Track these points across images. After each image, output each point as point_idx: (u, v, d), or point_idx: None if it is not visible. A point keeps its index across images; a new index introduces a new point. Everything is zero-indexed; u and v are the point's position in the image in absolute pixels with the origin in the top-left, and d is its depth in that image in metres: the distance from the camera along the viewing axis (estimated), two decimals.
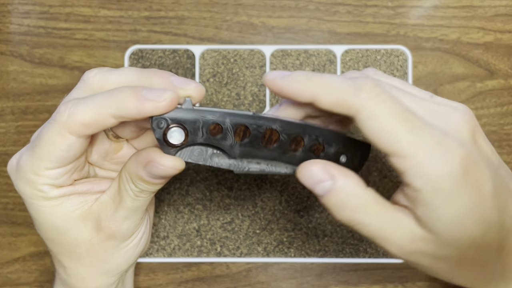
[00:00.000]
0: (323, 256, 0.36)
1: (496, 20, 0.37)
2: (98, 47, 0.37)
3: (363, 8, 0.37)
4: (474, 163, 0.20)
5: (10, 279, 0.37)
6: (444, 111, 0.21)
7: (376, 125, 0.20)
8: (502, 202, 0.21)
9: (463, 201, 0.20)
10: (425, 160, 0.20)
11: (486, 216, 0.20)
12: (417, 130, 0.20)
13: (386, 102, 0.20)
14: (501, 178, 0.21)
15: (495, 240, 0.21)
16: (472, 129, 0.21)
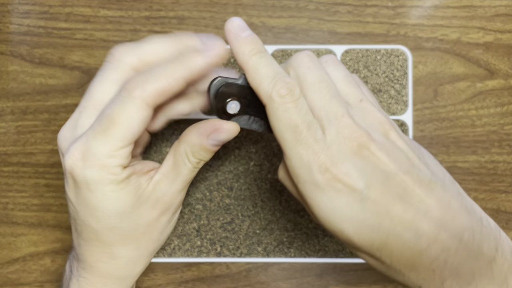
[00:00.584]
0: (323, 256, 0.36)
1: (496, 20, 0.37)
2: (98, 47, 0.37)
3: (363, 8, 0.37)
4: (342, 174, 0.23)
5: (10, 279, 0.37)
6: (342, 122, 0.24)
7: (274, 125, 0.25)
8: (381, 206, 0.23)
9: (329, 203, 0.24)
10: (298, 165, 0.24)
11: (355, 217, 0.23)
12: (299, 142, 0.24)
13: (287, 111, 0.24)
14: (390, 185, 0.23)
15: (373, 240, 0.24)
16: (358, 144, 0.24)
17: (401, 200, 0.23)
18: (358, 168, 0.24)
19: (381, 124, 0.25)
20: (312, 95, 0.25)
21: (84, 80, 0.37)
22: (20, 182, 0.37)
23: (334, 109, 0.25)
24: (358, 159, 0.24)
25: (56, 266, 0.37)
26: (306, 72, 0.25)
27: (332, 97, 0.25)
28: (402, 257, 0.24)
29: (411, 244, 0.23)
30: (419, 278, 0.24)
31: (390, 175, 0.24)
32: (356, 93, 0.26)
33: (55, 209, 0.37)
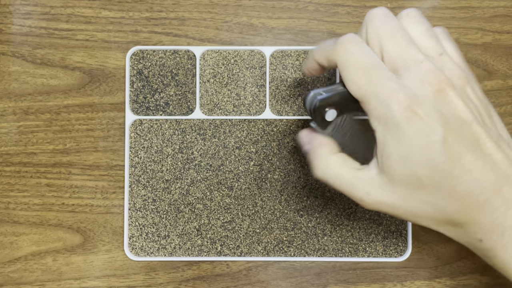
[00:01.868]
0: (322, 255, 0.37)
1: (495, 21, 0.38)
2: (99, 47, 0.37)
3: (363, 9, 0.38)
4: (421, 113, 0.24)
5: (11, 278, 0.37)
6: (422, 67, 0.25)
7: (345, 76, 0.26)
8: (454, 152, 0.24)
9: (407, 142, 0.24)
10: (376, 105, 0.25)
11: (431, 160, 0.24)
12: (373, 82, 0.25)
13: (353, 59, 0.25)
14: (464, 133, 0.24)
15: (441, 185, 0.24)
16: (439, 85, 0.24)
17: (473, 149, 0.24)
18: (438, 111, 0.24)
19: (459, 77, 0.25)
20: (388, 46, 0.25)
21: (85, 81, 0.37)
22: (21, 182, 0.37)
23: (412, 56, 0.25)
24: (438, 102, 0.24)
25: (57, 265, 0.37)
26: (380, 25, 0.26)
27: (408, 45, 0.25)
28: (466, 206, 0.24)
29: (476, 193, 0.24)
30: (480, 230, 0.25)
31: (465, 123, 0.24)
32: (435, 47, 0.26)
33: (56, 209, 0.37)
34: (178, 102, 0.37)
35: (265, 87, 0.37)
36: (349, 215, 0.37)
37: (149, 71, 0.37)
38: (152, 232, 0.37)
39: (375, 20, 0.26)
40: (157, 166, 0.37)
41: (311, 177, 0.37)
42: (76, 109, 0.37)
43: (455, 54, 0.27)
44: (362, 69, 0.25)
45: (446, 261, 0.37)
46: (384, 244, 0.37)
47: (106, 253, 0.37)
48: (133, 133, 0.37)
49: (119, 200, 0.37)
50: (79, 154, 0.37)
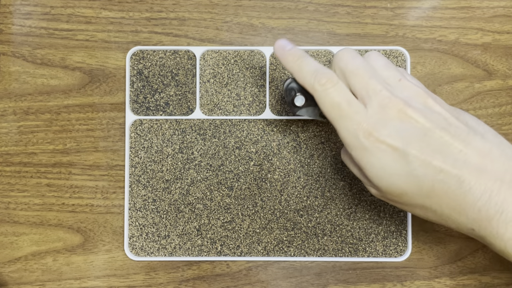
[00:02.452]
0: (322, 255, 0.37)
1: (494, 21, 0.38)
2: (99, 48, 0.37)
3: (362, 9, 0.38)
4: (383, 136, 0.27)
5: (12, 278, 0.37)
6: (381, 95, 0.28)
7: (322, 108, 0.29)
8: (423, 158, 0.26)
9: (377, 162, 0.28)
10: (346, 136, 0.28)
11: (401, 169, 0.27)
12: (343, 117, 0.28)
13: (328, 95, 0.29)
14: (429, 139, 0.27)
15: (421, 188, 0.27)
16: (397, 107, 0.27)
17: (440, 152, 0.27)
18: (398, 130, 0.27)
19: (418, 95, 0.28)
20: (353, 80, 0.29)
21: (85, 81, 0.37)
22: (22, 181, 0.37)
23: (372, 86, 0.28)
24: (397, 122, 0.27)
25: (57, 265, 0.37)
26: (346, 63, 0.29)
27: (370, 78, 0.29)
28: (449, 201, 0.27)
29: (454, 188, 0.26)
30: (469, 220, 0.26)
31: (427, 132, 0.27)
32: (395, 75, 0.29)
33: (56, 209, 0.37)
34: (178, 102, 0.37)
35: (265, 87, 0.37)
36: (349, 215, 0.37)
37: (149, 71, 0.37)
38: (152, 232, 0.37)
39: (341, 61, 0.30)
40: (157, 166, 0.37)
41: (311, 177, 0.37)
42: (76, 109, 0.37)
43: (413, 79, 0.31)
44: (335, 105, 0.29)
45: (445, 261, 0.37)
46: (384, 244, 0.37)
47: (106, 253, 0.37)
48: (133, 133, 0.37)
49: (119, 200, 0.37)
50: (79, 154, 0.37)
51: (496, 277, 0.37)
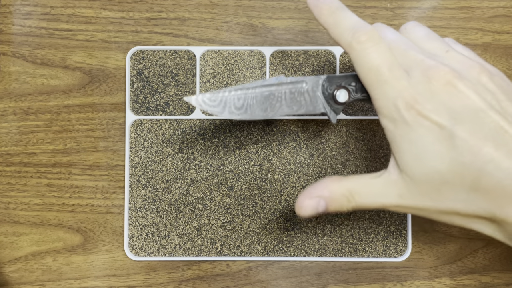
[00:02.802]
0: (322, 255, 0.37)
1: (494, 21, 0.38)
2: (99, 48, 0.37)
3: (362, 9, 0.38)
4: (427, 110, 0.23)
5: (12, 278, 0.37)
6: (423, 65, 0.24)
7: (358, 70, 0.26)
8: (471, 143, 0.23)
9: (418, 140, 0.24)
10: (385, 104, 0.25)
11: (446, 153, 0.23)
12: (381, 82, 0.25)
13: (367, 55, 0.25)
14: (480, 122, 0.23)
15: (465, 178, 0.23)
16: (444, 79, 0.24)
17: (492, 139, 0.23)
18: (445, 105, 0.24)
19: (471, 67, 0.25)
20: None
21: (85, 81, 0.37)
22: (22, 181, 0.37)
23: (412, 57, 0.25)
24: (446, 96, 0.24)
25: (57, 265, 0.37)
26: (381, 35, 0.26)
27: (405, 50, 0.25)
28: (499, 196, 0.23)
29: (506, 182, 0.23)
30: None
31: (480, 113, 0.23)
32: (440, 46, 0.26)
33: (56, 209, 0.37)
34: (178, 102, 0.37)
35: None
36: (349, 215, 0.37)
37: (149, 71, 0.37)
38: (152, 232, 0.37)
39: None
40: (157, 166, 0.37)
41: (311, 177, 0.37)
42: (77, 109, 0.37)
43: (465, 50, 0.27)
44: (374, 69, 0.25)
45: (446, 261, 0.37)
46: (384, 244, 0.37)
47: (106, 253, 0.37)
48: (133, 133, 0.37)
49: (119, 200, 0.37)
50: (79, 154, 0.37)
51: (496, 277, 0.37)
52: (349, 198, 0.26)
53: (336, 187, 0.26)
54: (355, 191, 0.26)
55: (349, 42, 0.26)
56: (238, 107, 0.29)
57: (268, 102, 0.29)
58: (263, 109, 0.29)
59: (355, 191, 0.26)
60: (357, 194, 0.26)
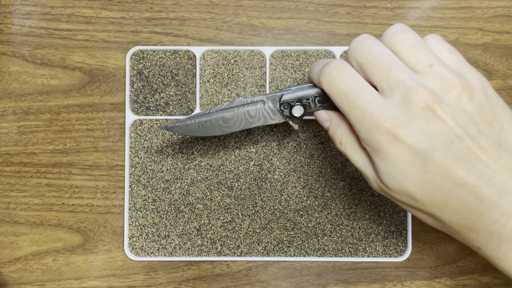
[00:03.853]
0: (322, 255, 0.37)
1: (495, 21, 0.38)
2: (99, 48, 0.37)
3: (362, 9, 0.38)
4: (404, 135, 0.24)
5: (11, 278, 0.37)
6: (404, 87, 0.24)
7: (333, 99, 0.27)
8: (444, 168, 0.24)
9: (392, 162, 0.25)
10: (360, 129, 0.26)
11: (418, 176, 0.24)
12: (353, 108, 0.26)
13: (335, 84, 0.26)
14: (454, 148, 0.24)
15: (435, 199, 0.25)
16: (423, 103, 0.24)
17: (465, 164, 0.24)
18: (422, 130, 0.24)
19: (452, 87, 0.24)
20: (371, 72, 0.26)
21: (85, 81, 0.37)
22: (22, 181, 0.37)
23: (394, 77, 0.25)
24: (422, 121, 0.24)
25: (57, 265, 0.37)
26: (362, 54, 0.26)
27: (390, 68, 0.25)
28: (462, 217, 0.24)
29: (471, 206, 0.24)
30: (477, 239, 0.25)
31: (455, 139, 0.24)
32: (424, 59, 0.25)
33: (56, 209, 0.37)
34: (178, 102, 0.37)
35: (265, 87, 0.37)
36: (349, 215, 0.37)
37: (149, 71, 0.37)
38: (152, 232, 0.37)
39: (356, 52, 0.26)
40: (157, 166, 0.37)
41: (311, 177, 0.37)
42: (76, 109, 0.37)
43: (451, 58, 0.26)
44: (344, 95, 0.26)
45: (446, 261, 0.37)
46: (384, 244, 0.37)
47: (106, 253, 0.37)
48: (133, 133, 0.37)
49: (119, 200, 0.37)
50: (79, 154, 0.37)
51: (496, 277, 0.37)
52: (341, 143, 0.29)
53: (343, 127, 0.29)
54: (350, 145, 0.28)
55: (318, 77, 0.28)
56: (206, 128, 0.32)
57: (231, 122, 0.32)
58: (228, 127, 0.32)
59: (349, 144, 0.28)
60: (348, 147, 0.28)
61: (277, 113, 0.32)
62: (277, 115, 0.32)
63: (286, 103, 0.31)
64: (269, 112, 0.31)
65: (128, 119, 0.37)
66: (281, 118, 0.32)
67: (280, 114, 0.31)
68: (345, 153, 0.29)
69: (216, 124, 0.32)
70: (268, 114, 0.32)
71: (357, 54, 0.26)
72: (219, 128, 0.32)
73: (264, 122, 0.32)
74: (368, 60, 0.26)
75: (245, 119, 0.32)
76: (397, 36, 0.26)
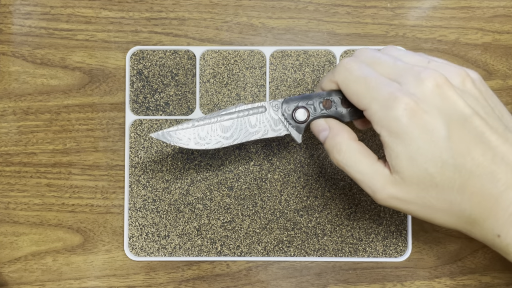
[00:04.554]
0: (322, 255, 0.37)
1: (495, 21, 0.38)
2: (99, 48, 0.37)
3: (362, 9, 0.38)
4: (422, 111, 0.24)
5: (11, 278, 0.37)
6: (415, 70, 0.25)
7: (347, 90, 0.27)
8: (462, 147, 0.24)
9: (413, 141, 0.24)
10: (377, 110, 0.25)
11: (439, 156, 0.24)
12: (371, 88, 0.26)
13: (353, 73, 0.27)
14: (469, 127, 0.24)
15: (454, 181, 0.24)
16: (436, 84, 0.24)
17: (479, 143, 0.24)
18: (438, 107, 0.24)
19: (456, 74, 0.26)
20: (379, 68, 0.27)
21: (85, 81, 0.37)
22: (21, 181, 0.37)
23: (401, 66, 0.26)
24: (437, 99, 0.24)
25: (57, 265, 0.37)
26: (366, 56, 0.28)
27: (395, 61, 0.26)
28: (482, 200, 0.24)
29: (489, 186, 0.24)
30: (498, 225, 0.24)
31: (468, 118, 0.24)
32: (421, 58, 0.27)
33: (56, 209, 0.37)
34: (178, 102, 0.37)
35: (265, 87, 0.37)
36: (349, 215, 0.37)
37: (149, 71, 0.37)
38: (152, 232, 0.37)
39: (360, 55, 0.28)
40: (157, 166, 0.37)
41: (311, 177, 0.37)
42: (76, 109, 0.37)
43: (444, 60, 0.28)
44: (361, 79, 0.26)
45: (446, 261, 0.37)
46: (384, 244, 0.37)
47: (106, 253, 0.37)
48: (133, 133, 0.37)
49: (119, 200, 0.37)
50: (79, 154, 0.37)
51: (496, 277, 0.37)
52: (340, 152, 0.28)
53: (344, 136, 0.28)
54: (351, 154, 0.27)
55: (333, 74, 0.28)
56: (203, 137, 0.30)
57: (230, 131, 0.30)
58: (226, 137, 0.30)
59: (350, 154, 0.27)
60: (348, 157, 0.27)
61: (279, 122, 0.30)
62: (279, 125, 0.30)
63: (289, 107, 0.30)
64: (271, 121, 0.30)
65: (128, 119, 0.37)
66: (283, 129, 0.30)
67: (282, 123, 0.30)
68: (342, 164, 0.28)
69: (214, 135, 0.30)
70: (269, 124, 0.30)
71: (363, 57, 0.28)
72: (216, 138, 0.30)
73: (265, 133, 0.30)
74: (374, 59, 0.27)
75: (245, 129, 0.30)
76: (391, 50, 0.28)
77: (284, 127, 0.30)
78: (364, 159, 0.27)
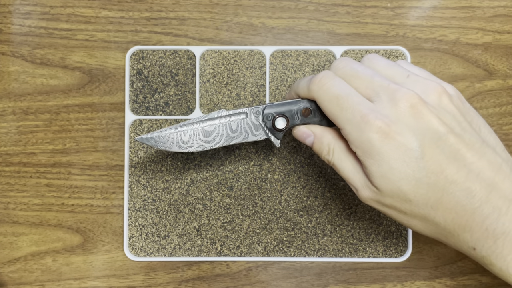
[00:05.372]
0: (322, 256, 0.37)
1: (495, 21, 0.38)
2: (99, 47, 0.37)
3: (363, 9, 0.38)
4: (394, 132, 0.25)
5: (11, 278, 0.37)
6: (390, 89, 0.26)
7: (322, 106, 0.28)
8: (435, 165, 0.25)
9: (385, 162, 0.25)
10: (350, 131, 0.26)
11: (412, 175, 0.25)
12: (343, 109, 0.26)
13: (326, 92, 0.27)
14: (442, 145, 0.25)
15: (428, 198, 0.25)
16: (410, 105, 0.25)
17: (454, 161, 0.25)
18: (411, 128, 0.25)
19: (432, 90, 0.26)
20: (356, 83, 0.27)
21: (85, 81, 0.37)
22: (21, 182, 0.37)
23: (378, 83, 0.26)
24: (410, 119, 0.25)
25: (57, 265, 0.37)
26: (344, 69, 0.28)
27: (372, 77, 0.27)
28: (456, 216, 0.25)
29: (464, 202, 0.24)
30: (473, 239, 0.25)
31: (442, 136, 0.25)
32: (401, 72, 0.27)
33: (56, 209, 0.37)
34: (178, 102, 0.37)
35: (265, 87, 0.37)
36: (349, 215, 0.37)
37: (149, 71, 0.37)
38: (152, 232, 0.37)
39: (338, 70, 0.28)
40: (157, 166, 0.37)
41: (311, 177, 0.37)
42: (76, 109, 0.37)
43: (422, 73, 0.28)
44: (334, 100, 0.27)
45: (446, 261, 0.37)
46: (384, 245, 0.37)
47: (106, 253, 0.37)
48: (133, 133, 0.37)
49: (119, 200, 0.37)
50: (79, 154, 0.37)
51: (496, 278, 0.37)
52: (329, 152, 0.29)
53: (328, 137, 0.29)
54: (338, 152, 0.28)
55: (308, 87, 0.28)
56: (185, 141, 0.31)
57: (212, 135, 0.31)
58: (208, 141, 0.31)
59: (337, 152, 0.28)
60: (336, 155, 0.28)
61: (259, 128, 0.31)
62: (259, 130, 0.31)
63: (269, 115, 0.31)
64: (251, 127, 0.31)
65: (128, 119, 0.37)
66: (263, 134, 0.31)
67: (262, 129, 0.31)
68: (332, 163, 0.29)
69: (196, 139, 0.31)
70: (250, 129, 0.31)
71: (340, 71, 0.28)
72: (198, 142, 0.31)
73: (245, 137, 0.31)
74: (351, 73, 0.27)
75: (226, 133, 0.31)
76: (373, 59, 0.29)
77: (264, 132, 0.31)
78: (349, 157, 0.28)
